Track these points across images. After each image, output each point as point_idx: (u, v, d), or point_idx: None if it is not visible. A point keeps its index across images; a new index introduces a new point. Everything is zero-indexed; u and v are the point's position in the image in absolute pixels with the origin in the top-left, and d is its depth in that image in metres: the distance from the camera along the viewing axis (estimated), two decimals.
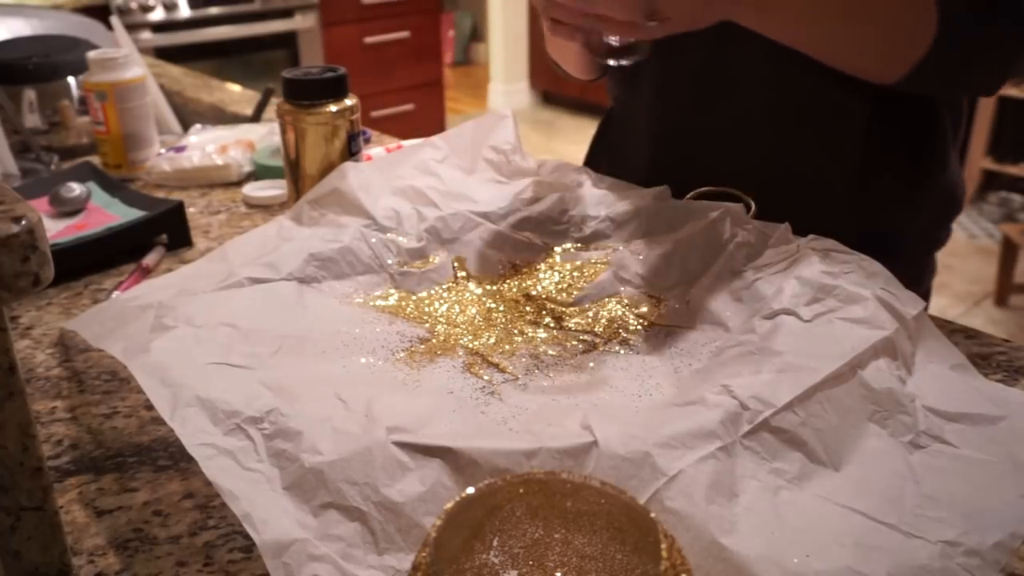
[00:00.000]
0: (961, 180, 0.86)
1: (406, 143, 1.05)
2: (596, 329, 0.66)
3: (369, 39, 3.45)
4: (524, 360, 0.62)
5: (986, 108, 3.28)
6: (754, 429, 0.50)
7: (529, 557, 0.43)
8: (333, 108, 0.84)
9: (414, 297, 0.70)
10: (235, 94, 1.45)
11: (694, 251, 0.71)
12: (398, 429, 0.49)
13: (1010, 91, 3.22)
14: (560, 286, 0.72)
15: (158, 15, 2.88)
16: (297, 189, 0.87)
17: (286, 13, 3.16)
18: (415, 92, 3.66)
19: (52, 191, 0.92)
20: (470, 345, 0.64)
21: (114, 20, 1.25)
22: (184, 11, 2.93)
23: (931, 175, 0.82)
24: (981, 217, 3.31)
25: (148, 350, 0.57)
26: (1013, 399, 0.57)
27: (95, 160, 1.08)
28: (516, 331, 0.66)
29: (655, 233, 0.74)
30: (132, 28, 2.70)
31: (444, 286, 0.72)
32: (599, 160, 0.98)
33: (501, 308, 0.69)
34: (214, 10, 2.99)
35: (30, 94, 1.18)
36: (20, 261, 0.37)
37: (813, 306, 0.61)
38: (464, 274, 0.74)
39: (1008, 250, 2.64)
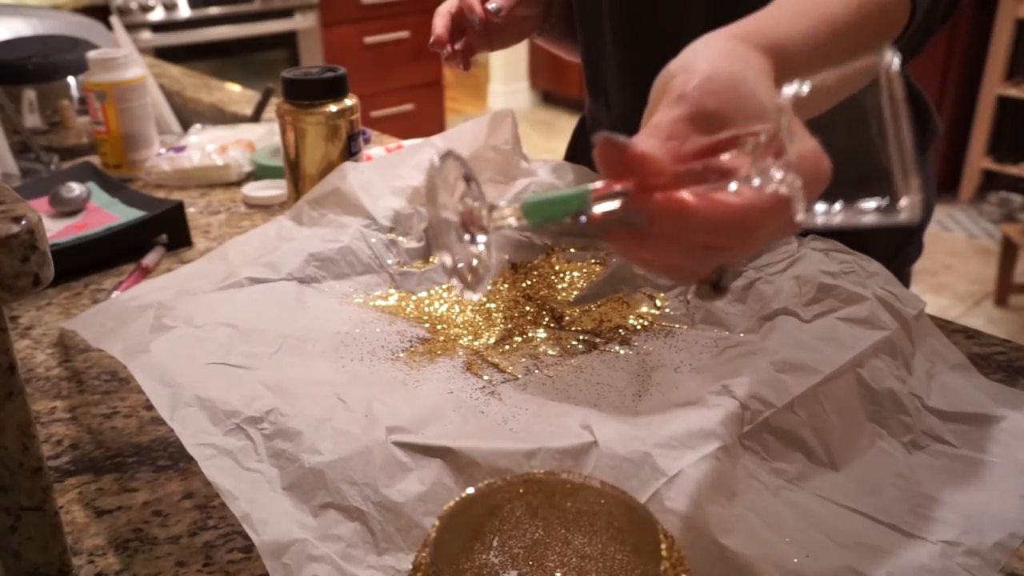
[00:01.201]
0: (926, 189, 0.83)
1: (406, 143, 1.05)
2: (596, 329, 0.66)
3: (369, 39, 3.45)
4: (524, 360, 0.62)
5: (986, 108, 3.28)
6: (754, 429, 0.50)
7: (529, 557, 0.43)
8: (333, 108, 0.83)
9: (414, 297, 0.70)
10: (235, 94, 1.45)
11: None
12: (398, 429, 0.49)
13: (1010, 91, 3.22)
14: (560, 286, 0.72)
15: (158, 15, 2.88)
16: (297, 189, 0.87)
17: (286, 13, 3.16)
18: (415, 92, 3.65)
19: (52, 191, 0.92)
20: (470, 345, 0.64)
21: (114, 20, 1.25)
22: (184, 11, 2.93)
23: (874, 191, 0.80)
24: (981, 217, 3.31)
25: (148, 350, 0.57)
26: (1013, 399, 0.57)
27: (95, 160, 1.08)
28: (516, 331, 0.66)
29: None
30: (132, 28, 2.70)
31: (444, 286, 0.72)
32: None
33: (501, 308, 0.69)
34: (214, 10, 2.99)
35: (30, 94, 1.18)
36: (20, 261, 0.37)
37: (813, 306, 0.61)
38: None
39: (1008, 250, 2.64)
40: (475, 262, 0.39)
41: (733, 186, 0.35)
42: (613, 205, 0.36)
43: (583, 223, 0.36)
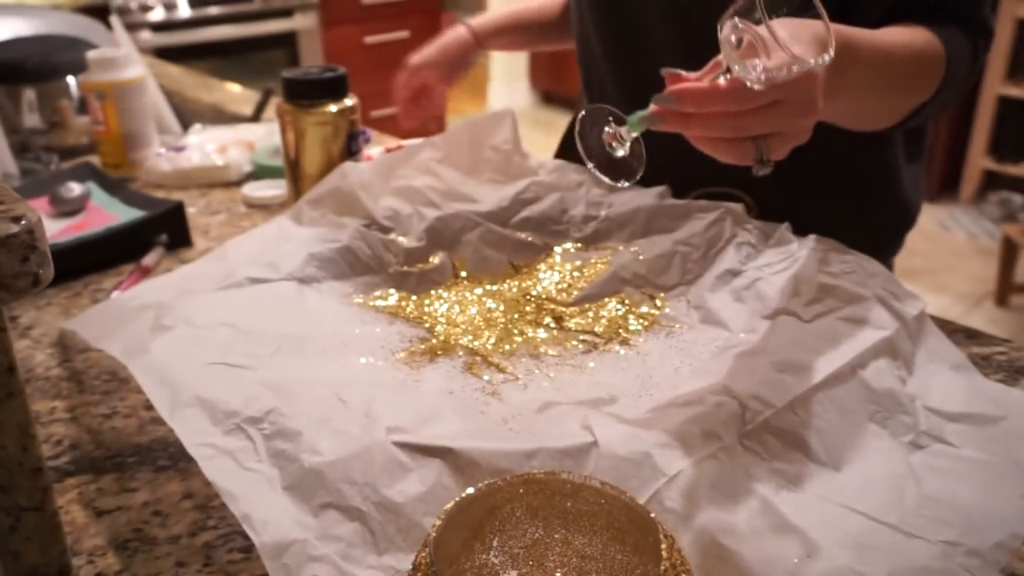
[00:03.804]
0: (916, 194, 0.87)
1: (406, 143, 1.05)
2: (596, 329, 0.66)
3: (369, 39, 3.45)
4: (524, 360, 0.62)
5: (986, 108, 3.28)
6: (754, 429, 0.50)
7: (529, 557, 0.43)
8: (333, 108, 0.83)
9: (414, 297, 0.70)
10: (235, 94, 1.45)
11: (694, 251, 0.71)
12: (398, 429, 0.49)
13: (1010, 91, 3.22)
14: (560, 286, 0.72)
15: (158, 15, 2.88)
16: (297, 189, 0.87)
17: (286, 13, 3.16)
18: None
19: (52, 191, 0.92)
20: (470, 345, 0.64)
21: (113, 20, 1.25)
22: (184, 11, 2.93)
23: (877, 193, 0.83)
24: (982, 217, 3.31)
25: (148, 350, 0.57)
26: (1014, 399, 0.56)
27: (95, 160, 1.08)
28: (516, 331, 0.66)
29: (655, 233, 0.74)
30: (132, 28, 2.70)
31: (444, 286, 0.72)
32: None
33: (501, 308, 0.69)
34: (214, 10, 2.99)
35: (29, 94, 1.18)
36: (20, 261, 0.37)
37: (813, 306, 0.61)
38: (464, 274, 0.73)
39: (1008, 250, 2.64)
40: (629, 153, 0.59)
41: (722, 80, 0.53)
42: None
43: (655, 119, 0.55)
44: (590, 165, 0.60)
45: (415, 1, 3.55)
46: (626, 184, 0.61)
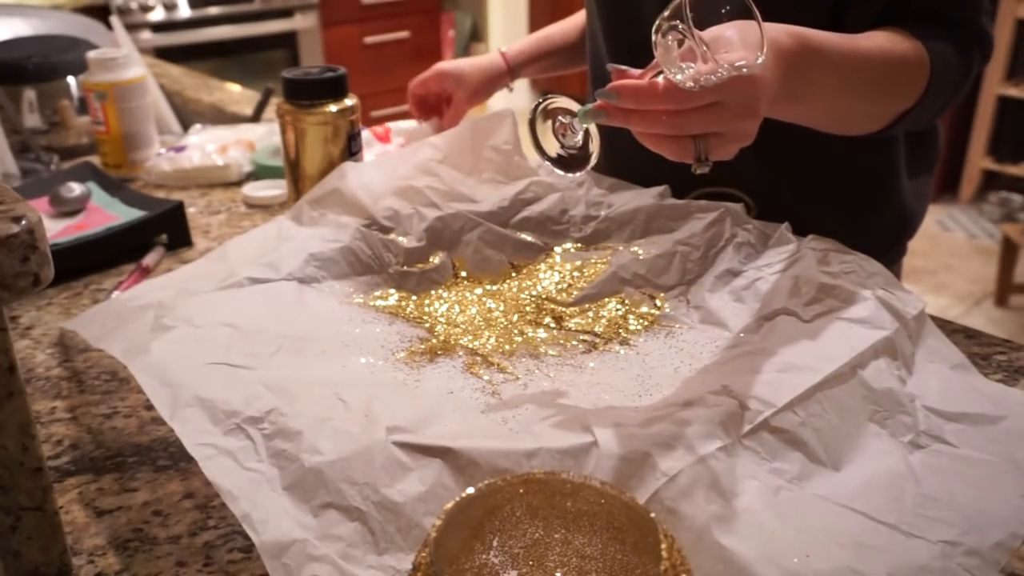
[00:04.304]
0: (919, 204, 0.87)
1: (392, 124, 1.07)
2: (596, 329, 0.66)
3: (369, 39, 3.45)
4: (524, 360, 0.62)
5: (986, 108, 3.28)
6: (754, 429, 0.50)
7: (529, 557, 0.43)
8: (333, 108, 0.84)
9: (414, 297, 0.70)
10: (235, 94, 1.45)
11: (694, 251, 0.71)
12: (398, 429, 0.49)
13: (1010, 91, 3.22)
14: (560, 286, 0.72)
15: (158, 15, 2.88)
16: (297, 189, 0.87)
17: (286, 13, 3.16)
18: None
19: (52, 191, 0.92)
20: (470, 345, 0.64)
21: (114, 20, 1.25)
22: (184, 11, 2.93)
23: (876, 199, 0.83)
24: (981, 217, 3.31)
25: (148, 350, 0.57)
26: (1013, 399, 0.56)
27: (95, 160, 1.08)
28: (516, 331, 0.66)
29: (655, 233, 0.74)
30: (132, 28, 2.70)
31: (444, 286, 0.72)
32: None
33: (501, 308, 0.69)
34: (214, 10, 2.99)
35: (30, 94, 1.18)
36: (20, 261, 0.37)
37: (813, 306, 0.61)
38: (464, 274, 0.74)
39: (1008, 250, 2.64)
40: (584, 144, 0.59)
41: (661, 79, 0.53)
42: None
43: (599, 112, 0.54)
44: (542, 156, 0.60)
45: (415, 1, 3.55)
46: (578, 174, 0.60)
